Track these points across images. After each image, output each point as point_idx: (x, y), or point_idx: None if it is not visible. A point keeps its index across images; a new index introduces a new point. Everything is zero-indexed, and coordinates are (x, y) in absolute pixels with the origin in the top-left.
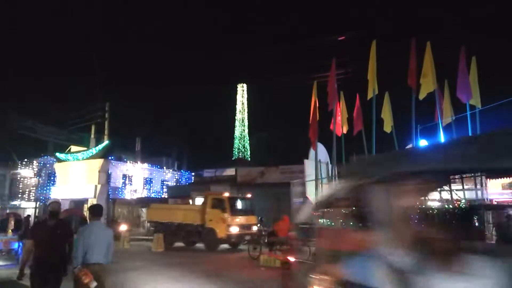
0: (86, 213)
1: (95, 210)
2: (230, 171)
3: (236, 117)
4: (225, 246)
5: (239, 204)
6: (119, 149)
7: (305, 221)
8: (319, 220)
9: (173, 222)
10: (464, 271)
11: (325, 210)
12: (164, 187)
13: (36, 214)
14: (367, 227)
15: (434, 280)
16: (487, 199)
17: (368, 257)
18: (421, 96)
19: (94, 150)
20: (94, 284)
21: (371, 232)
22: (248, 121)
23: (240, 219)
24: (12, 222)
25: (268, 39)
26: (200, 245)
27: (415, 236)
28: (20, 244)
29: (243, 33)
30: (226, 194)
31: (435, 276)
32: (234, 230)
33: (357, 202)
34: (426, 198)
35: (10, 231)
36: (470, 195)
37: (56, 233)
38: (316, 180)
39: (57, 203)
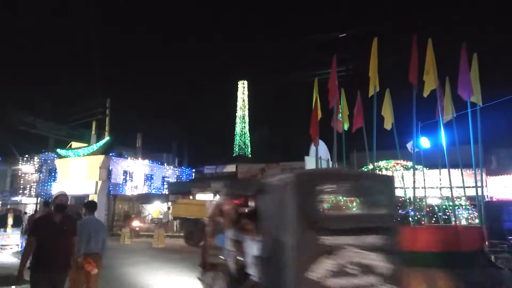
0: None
1: (90, 206)
2: (231, 168)
3: (236, 114)
4: None
5: None
6: (119, 145)
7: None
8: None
9: (200, 218)
10: (255, 237)
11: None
12: (164, 183)
13: (37, 209)
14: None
15: (246, 242)
16: (487, 196)
17: (224, 234)
18: (425, 93)
19: (95, 146)
20: (95, 271)
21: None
22: (249, 118)
23: None
24: (11, 218)
25: (270, 35)
26: None
27: (237, 223)
28: (23, 239)
29: (244, 30)
30: None
31: (246, 240)
32: None
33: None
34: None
35: (9, 226)
36: (470, 192)
37: (62, 230)
38: None
39: (64, 195)
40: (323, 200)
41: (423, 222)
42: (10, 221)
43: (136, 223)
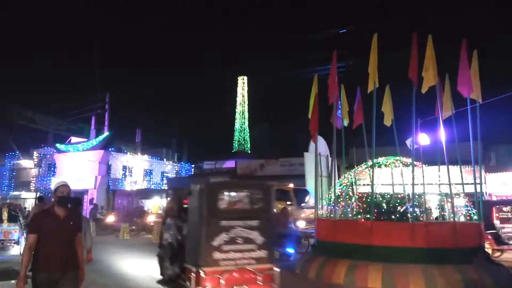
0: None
1: (75, 205)
2: (230, 164)
3: (236, 110)
4: None
5: (306, 197)
6: (119, 140)
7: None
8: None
9: None
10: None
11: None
12: (164, 178)
13: (36, 203)
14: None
15: (183, 227)
16: (486, 193)
17: (170, 222)
18: (423, 89)
19: (94, 141)
20: None
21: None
22: (248, 114)
23: (305, 213)
24: (6, 213)
25: (270, 31)
26: None
27: (178, 215)
28: (20, 234)
29: (244, 25)
30: (291, 185)
31: (183, 226)
32: (301, 224)
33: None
34: None
35: (5, 221)
36: (469, 188)
37: (68, 225)
38: (316, 173)
39: (65, 186)
40: (223, 199)
41: (421, 219)
42: (5, 216)
43: (151, 218)
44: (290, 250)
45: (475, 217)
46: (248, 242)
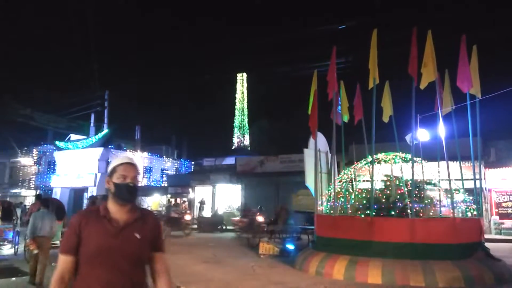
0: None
1: (45, 203)
2: (230, 160)
3: (235, 107)
4: None
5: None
6: (118, 138)
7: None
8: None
9: None
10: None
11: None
12: (163, 176)
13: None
14: None
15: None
16: (485, 188)
17: None
18: (422, 85)
19: (93, 139)
20: (36, 251)
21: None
22: (248, 111)
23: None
24: None
25: (269, 27)
26: None
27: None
28: (14, 233)
29: (242, 21)
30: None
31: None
32: None
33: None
34: None
35: None
36: (469, 184)
37: (132, 239)
38: (315, 169)
39: (132, 166)
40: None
41: (421, 214)
42: None
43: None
44: (290, 246)
45: (475, 212)
46: None
